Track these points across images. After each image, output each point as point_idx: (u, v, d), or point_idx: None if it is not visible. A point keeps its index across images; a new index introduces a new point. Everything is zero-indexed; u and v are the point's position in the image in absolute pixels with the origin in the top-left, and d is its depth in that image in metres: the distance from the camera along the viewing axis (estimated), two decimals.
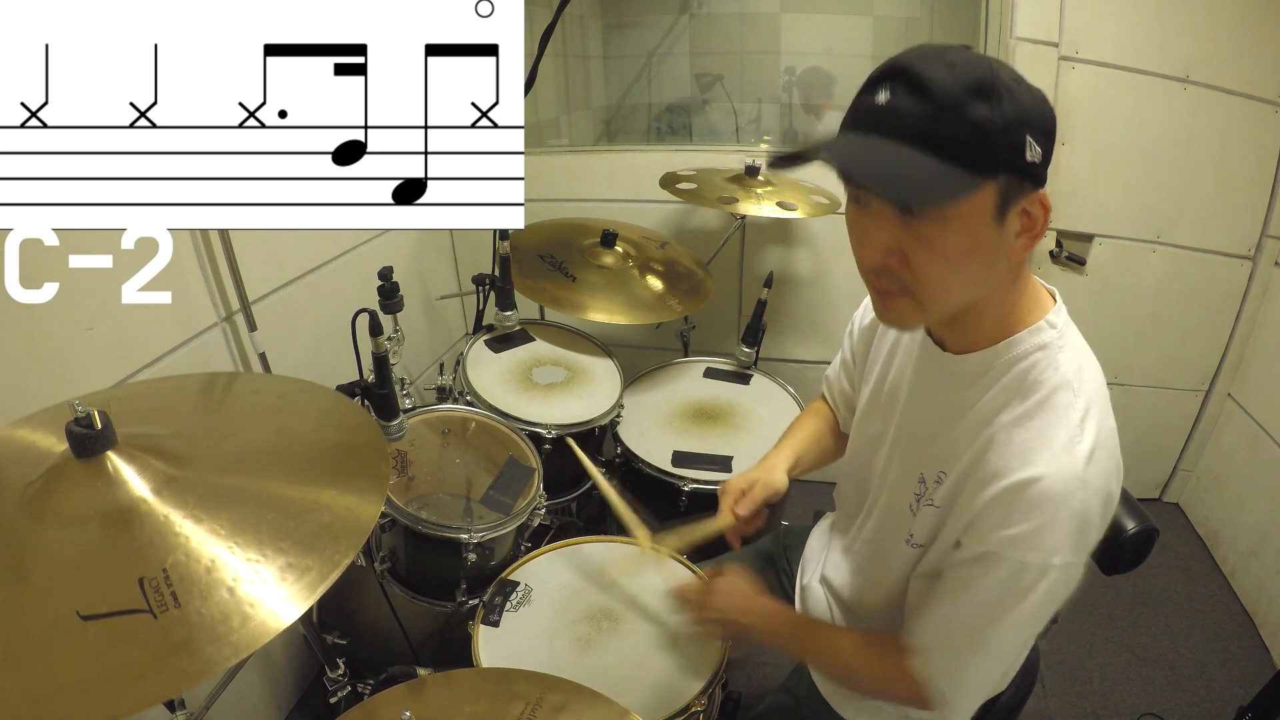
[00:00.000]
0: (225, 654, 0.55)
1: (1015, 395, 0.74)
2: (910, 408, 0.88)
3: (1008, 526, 0.70)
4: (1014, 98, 0.62)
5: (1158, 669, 1.76)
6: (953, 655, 0.79)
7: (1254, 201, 1.91)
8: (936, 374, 0.83)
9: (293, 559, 0.63)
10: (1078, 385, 0.73)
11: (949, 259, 0.67)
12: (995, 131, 0.61)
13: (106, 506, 0.64)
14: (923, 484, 0.83)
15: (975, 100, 0.61)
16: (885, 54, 0.67)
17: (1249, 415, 2.02)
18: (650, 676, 1.03)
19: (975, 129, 0.61)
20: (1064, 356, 0.74)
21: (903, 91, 0.62)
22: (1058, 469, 0.69)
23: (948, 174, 0.61)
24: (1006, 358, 0.75)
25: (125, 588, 0.58)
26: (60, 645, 0.54)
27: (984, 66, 0.62)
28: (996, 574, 0.72)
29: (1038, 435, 0.71)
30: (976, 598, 0.74)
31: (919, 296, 0.70)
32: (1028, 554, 0.70)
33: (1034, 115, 0.64)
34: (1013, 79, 0.63)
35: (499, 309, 1.64)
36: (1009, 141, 0.62)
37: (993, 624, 0.75)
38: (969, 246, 0.66)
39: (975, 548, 0.74)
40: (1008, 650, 0.78)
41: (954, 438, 0.79)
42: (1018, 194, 0.65)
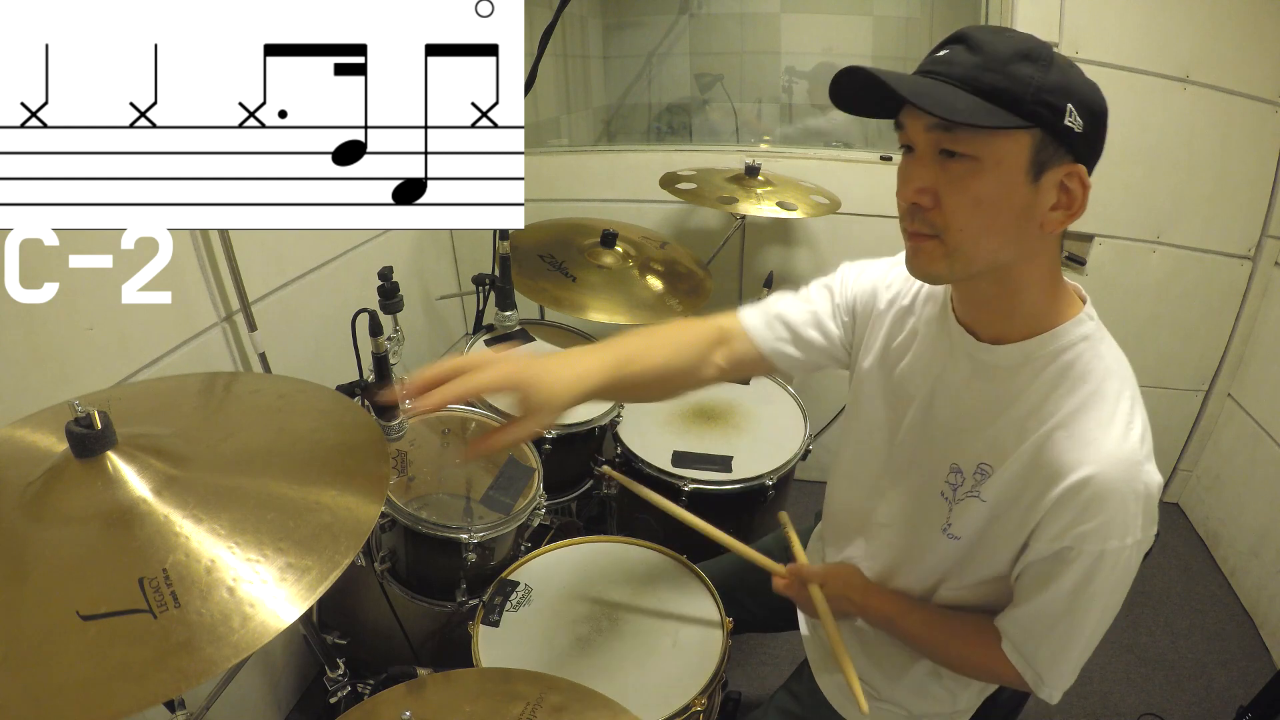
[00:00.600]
0: (225, 654, 0.55)
1: (1063, 387, 0.75)
2: (938, 397, 0.86)
3: (1082, 523, 0.72)
4: (1063, 71, 0.66)
5: (1158, 669, 1.76)
6: (1047, 645, 0.81)
7: (1254, 201, 1.91)
8: (969, 364, 0.83)
9: (293, 559, 0.63)
10: (1122, 374, 0.76)
11: (978, 202, 0.69)
12: (1035, 88, 0.65)
13: (106, 506, 0.64)
14: (958, 474, 0.84)
15: (1022, 60, 0.65)
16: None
17: (1249, 415, 2.02)
18: (650, 676, 1.03)
19: (1017, 80, 0.65)
20: (1105, 347, 0.77)
21: (961, 49, 0.69)
22: (1120, 458, 0.72)
23: (983, 107, 0.65)
24: (1051, 348, 0.76)
25: (125, 588, 0.58)
26: (60, 645, 0.54)
27: (1039, 42, 0.67)
28: (1077, 567, 0.74)
29: (1096, 426, 0.73)
30: (1061, 591, 0.76)
31: (947, 241, 0.71)
32: (1105, 543, 0.72)
33: (1083, 92, 0.67)
34: (1068, 63, 0.68)
35: (499, 309, 1.64)
36: (1048, 100, 0.65)
37: (1082, 612, 0.77)
38: (998, 194, 0.69)
39: (1050, 545, 0.75)
40: (1099, 628, 0.80)
41: (998, 431, 0.79)
42: (1054, 158, 0.68)
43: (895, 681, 0.99)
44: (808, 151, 2.12)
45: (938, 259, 0.73)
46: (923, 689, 0.98)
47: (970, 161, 0.68)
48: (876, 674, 1.00)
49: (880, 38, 2.30)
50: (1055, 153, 0.67)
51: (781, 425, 1.61)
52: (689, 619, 1.13)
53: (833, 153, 2.13)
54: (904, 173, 0.73)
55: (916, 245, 0.74)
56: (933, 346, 0.88)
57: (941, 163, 0.69)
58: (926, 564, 0.90)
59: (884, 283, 0.96)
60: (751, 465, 1.48)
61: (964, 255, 0.72)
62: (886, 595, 0.96)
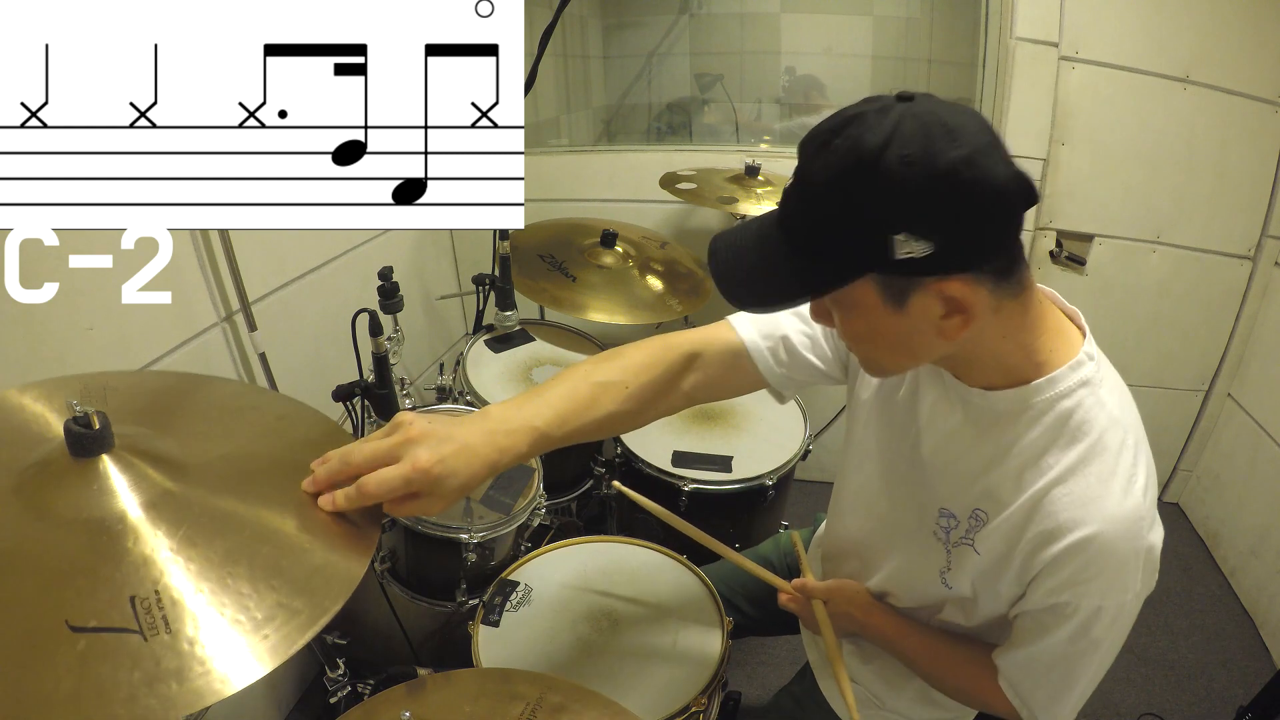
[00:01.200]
0: (215, 688, 0.54)
1: (1063, 437, 0.71)
2: (929, 437, 0.83)
3: (1080, 582, 0.70)
4: (890, 189, 0.57)
5: (1158, 669, 1.76)
6: (1043, 689, 0.79)
7: (1254, 201, 1.91)
8: (961, 408, 0.78)
9: (284, 599, 0.61)
10: (1125, 421, 0.71)
11: (858, 336, 0.70)
12: (854, 239, 0.60)
13: (99, 512, 0.63)
14: (950, 518, 0.81)
15: (835, 198, 0.60)
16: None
17: (1249, 415, 2.02)
18: (650, 676, 1.03)
19: (833, 235, 0.61)
20: (1105, 392, 0.72)
21: (793, 181, 0.64)
22: (1122, 515, 0.68)
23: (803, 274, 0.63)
24: (1048, 395, 0.71)
25: (116, 604, 0.57)
26: (49, 654, 0.53)
27: (860, 148, 0.58)
28: (1074, 621, 0.72)
29: (1098, 482, 0.69)
30: (1057, 641, 0.74)
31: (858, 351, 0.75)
32: (1104, 600, 0.70)
33: (920, 204, 0.58)
34: (900, 160, 0.57)
35: (499, 309, 1.64)
36: (867, 247, 0.60)
37: (1079, 660, 0.75)
38: (869, 330, 0.68)
39: (1047, 599, 0.73)
40: (1098, 674, 0.78)
41: (994, 480, 0.76)
42: (911, 284, 0.62)
43: (898, 692, 0.99)
44: None
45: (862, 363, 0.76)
46: (926, 699, 0.97)
47: (836, 302, 0.68)
48: (879, 684, 1.00)
49: (880, 38, 2.30)
50: (909, 280, 0.62)
51: (781, 425, 1.61)
52: (689, 619, 1.13)
53: None
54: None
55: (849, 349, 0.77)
56: (927, 383, 0.83)
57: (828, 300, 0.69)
58: (925, 600, 0.90)
59: None
60: (751, 465, 1.48)
61: (876, 364, 0.75)
62: (889, 615, 0.95)
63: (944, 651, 0.90)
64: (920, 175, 0.57)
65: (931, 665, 0.91)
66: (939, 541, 0.83)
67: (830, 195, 0.60)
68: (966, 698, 0.89)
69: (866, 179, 0.58)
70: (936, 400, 0.82)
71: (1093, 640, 0.73)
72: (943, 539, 0.83)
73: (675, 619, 1.13)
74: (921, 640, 0.91)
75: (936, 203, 0.58)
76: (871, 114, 0.59)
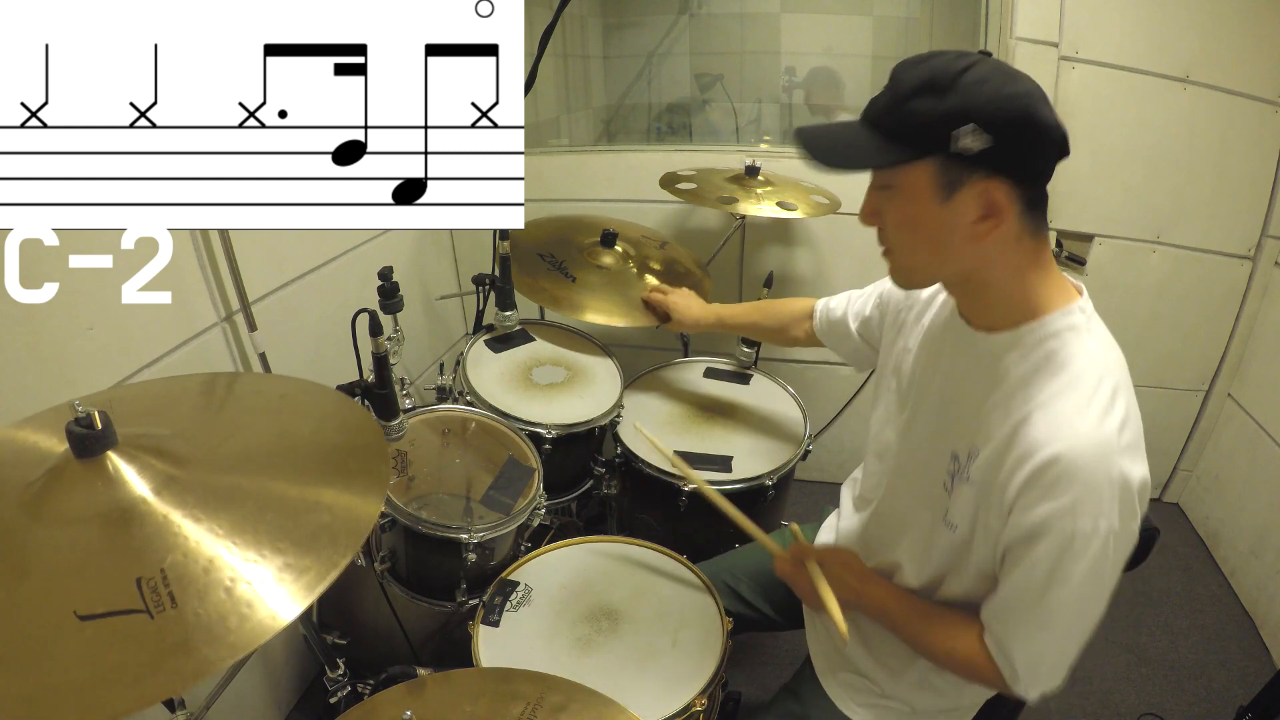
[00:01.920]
0: (222, 655, 0.55)
1: (1045, 370, 0.78)
2: (942, 387, 0.90)
3: (1050, 499, 0.73)
4: (967, 93, 0.70)
5: (1158, 669, 1.76)
6: (1018, 633, 0.81)
7: (1254, 201, 1.91)
8: (967, 352, 0.87)
9: (291, 559, 0.62)
10: (1106, 364, 0.78)
11: (900, 224, 0.79)
12: (931, 119, 0.71)
13: (106, 506, 0.64)
14: (956, 461, 0.86)
15: (920, 94, 0.72)
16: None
17: (1249, 415, 2.02)
18: (650, 676, 1.04)
19: (909, 115, 0.73)
20: (1091, 339, 0.79)
21: (885, 88, 0.76)
22: (1094, 439, 0.73)
23: (879, 149, 0.75)
24: (1037, 335, 0.79)
25: (123, 588, 0.58)
26: (58, 645, 0.54)
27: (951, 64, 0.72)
28: (1045, 546, 0.75)
29: (1072, 408, 0.74)
30: (1031, 573, 0.77)
31: (893, 257, 0.83)
32: (1075, 522, 0.73)
33: (989, 109, 0.70)
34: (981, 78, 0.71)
35: (499, 309, 1.64)
36: (934, 131, 0.71)
37: (1053, 598, 0.77)
38: (915, 216, 0.77)
39: (1021, 525, 0.76)
40: (1071, 622, 0.79)
41: (985, 412, 0.82)
42: (963, 178, 0.73)
43: (898, 678, 0.99)
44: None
45: (895, 272, 0.85)
46: (925, 685, 0.98)
47: (893, 190, 0.78)
48: (879, 671, 1.01)
49: (880, 38, 2.31)
50: (962, 173, 0.73)
51: (781, 425, 1.61)
52: (689, 619, 1.13)
53: None
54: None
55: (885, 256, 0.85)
56: (940, 341, 0.93)
57: (877, 190, 0.80)
58: (932, 557, 0.91)
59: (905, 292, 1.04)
60: (751, 465, 1.48)
61: (907, 268, 0.83)
62: (882, 583, 0.98)
63: (935, 613, 0.92)
64: (989, 90, 0.70)
65: (922, 628, 0.92)
66: (945, 491, 0.87)
67: (914, 93, 0.72)
68: (955, 662, 0.89)
69: (947, 84, 0.71)
70: (952, 354, 0.89)
71: (1063, 577, 0.75)
72: (948, 486, 0.87)
73: (675, 619, 1.13)
74: (914, 604, 0.94)
75: (998, 114, 0.70)
76: (956, 52, 0.74)
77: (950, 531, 0.86)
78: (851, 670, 1.04)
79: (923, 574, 0.93)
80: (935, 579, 0.92)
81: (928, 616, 0.92)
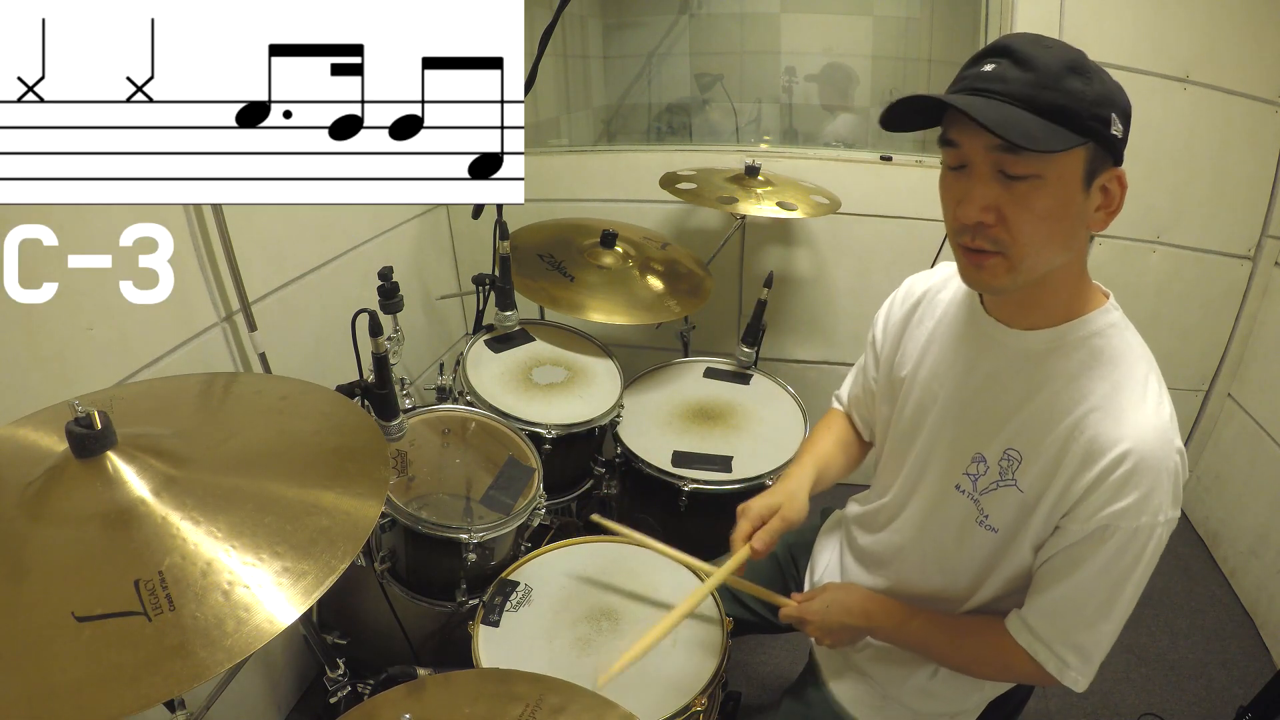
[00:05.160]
0: (219, 658, 0.55)
1: (1095, 370, 0.78)
2: (966, 388, 0.88)
3: (1117, 501, 0.74)
4: (1102, 79, 0.71)
5: (1158, 669, 1.76)
6: (1077, 629, 0.81)
7: (1254, 201, 1.91)
8: (996, 351, 0.85)
9: (289, 563, 0.62)
10: (1148, 358, 0.80)
11: (1042, 217, 0.72)
12: (1086, 102, 0.69)
13: (106, 507, 0.64)
14: (981, 463, 0.85)
15: (1071, 75, 0.69)
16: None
17: (1249, 415, 2.02)
18: (650, 676, 1.03)
19: (1071, 96, 0.69)
20: (1130, 334, 0.81)
21: (1007, 64, 0.71)
22: (1152, 436, 0.75)
23: (1048, 130, 0.68)
24: (1081, 333, 0.80)
25: (121, 589, 0.58)
26: (55, 646, 0.54)
27: (1075, 51, 0.71)
28: (1110, 545, 0.76)
29: (1130, 406, 0.76)
30: (1094, 571, 0.78)
31: (1011, 255, 0.74)
32: (1138, 519, 0.75)
33: (1118, 97, 0.72)
34: (1098, 66, 0.72)
35: (499, 309, 1.64)
36: (1097, 113, 0.70)
37: (1116, 591, 0.79)
38: (1059, 208, 0.72)
39: (1084, 527, 0.77)
40: (1128, 609, 0.81)
41: (1027, 416, 0.81)
42: (1102, 166, 0.72)
43: (903, 682, 0.99)
44: (808, 151, 2.12)
45: (1001, 274, 0.75)
46: (930, 690, 0.98)
47: (1034, 180, 0.71)
48: (884, 674, 1.00)
49: (880, 38, 2.30)
50: (1103, 161, 0.72)
51: (781, 425, 1.61)
52: (689, 619, 1.13)
53: (833, 153, 2.13)
54: (960, 191, 0.75)
55: (979, 261, 0.76)
56: (957, 341, 0.91)
57: (1003, 181, 0.72)
58: (966, 562, 0.90)
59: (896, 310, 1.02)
60: (751, 465, 1.48)
61: (1027, 267, 0.75)
62: (888, 605, 0.96)
63: (955, 623, 0.92)
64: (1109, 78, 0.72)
65: (945, 639, 0.92)
66: (962, 494, 0.87)
67: (1069, 76, 0.69)
68: (985, 665, 0.90)
69: (1087, 68, 0.70)
70: (974, 356, 0.88)
71: (1124, 569, 0.77)
72: (967, 490, 0.86)
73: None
74: (929, 617, 0.93)
75: (1122, 102, 0.72)
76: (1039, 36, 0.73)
77: (990, 534, 0.86)
78: (855, 673, 1.03)
79: (959, 579, 0.92)
80: (972, 583, 0.91)
81: (944, 626, 0.92)
